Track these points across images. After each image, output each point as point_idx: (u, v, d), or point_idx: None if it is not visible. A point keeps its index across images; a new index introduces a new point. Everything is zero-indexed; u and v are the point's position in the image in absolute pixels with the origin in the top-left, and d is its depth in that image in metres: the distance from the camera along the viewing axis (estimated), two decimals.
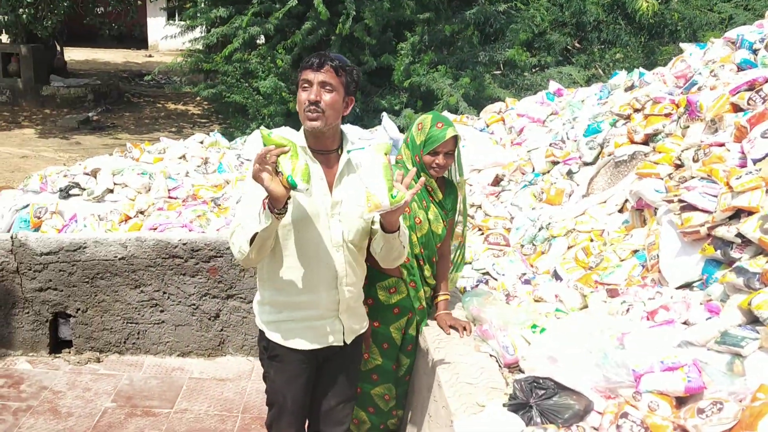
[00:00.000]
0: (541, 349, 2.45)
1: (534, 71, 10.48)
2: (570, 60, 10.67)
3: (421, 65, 9.63)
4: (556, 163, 4.80)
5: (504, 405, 2.27)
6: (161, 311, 4.15)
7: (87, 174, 5.64)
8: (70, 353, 4.21)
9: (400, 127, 7.66)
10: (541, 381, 2.24)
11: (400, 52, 9.71)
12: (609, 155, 4.31)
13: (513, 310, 2.91)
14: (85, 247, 4.02)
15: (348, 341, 2.39)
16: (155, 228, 4.77)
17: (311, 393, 2.47)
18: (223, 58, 10.17)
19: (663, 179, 3.44)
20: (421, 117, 2.78)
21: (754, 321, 2.26)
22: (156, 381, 3.97)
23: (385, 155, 2.09)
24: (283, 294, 2.29)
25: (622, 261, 3.33)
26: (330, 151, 2.26)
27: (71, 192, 5.40)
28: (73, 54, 20.07)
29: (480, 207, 4.81)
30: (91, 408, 3.68)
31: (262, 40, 10.93)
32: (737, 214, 2.70)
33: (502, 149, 5.64)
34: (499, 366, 2.63)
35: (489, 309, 2.87)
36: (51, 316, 4.15)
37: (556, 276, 3.53)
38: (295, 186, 1.94)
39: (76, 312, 4.14)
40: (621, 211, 3.86)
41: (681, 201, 2.97)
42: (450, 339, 2.82)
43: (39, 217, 4.90)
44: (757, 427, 1.79)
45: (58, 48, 16.27)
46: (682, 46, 4.88)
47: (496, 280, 3.72)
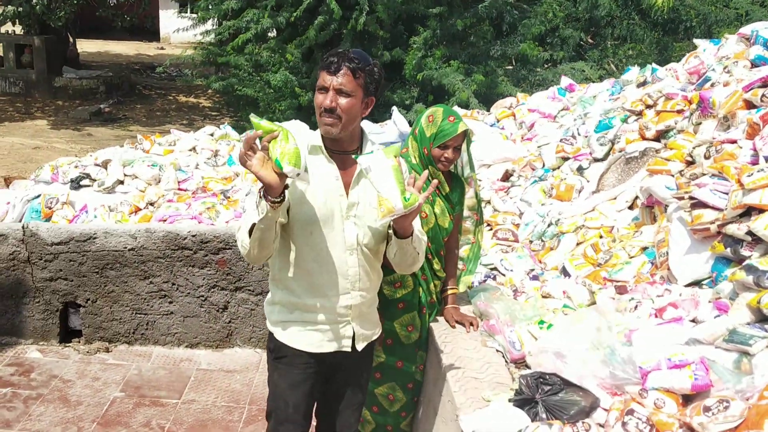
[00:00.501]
0: (548, 345, 2.45)
1: (546, 67, 10.43)
2: (582, 55, 10.61)
3: (434, 59, 9.60)
4: (566, 159, 4.77)
5: (510, 400, 2.27)
6: (170, 302, 4.18)
7: (98, 165, 5.69)
8: (79, 343, 4.25)
9: (410, 122, 7.65)
10: (548, 377, 2.23)
11: (412, 46, 9.69)
12: (620, 151, 4.29)
13: (520, 305, 2.90)
14: (95, 238, 4.05)
15: (359, 348, 2.31)
16: (165, 219, 4.80)
17: (318, 399, 2.40)
18: (234, 48, 10.17)
19: (674, 176, 3.42)
20: (431, 109, 2.74)
21: (763, 319, 2.25)
22: (164, 371, 4.01)
23: (395, 158, 2.01)
24: (294, 295, 2.22)
25: (631, 258, 3.31)
26: (348, 152, 2.18)
27: (82, 183, 5.45)
28: (86, 46, 20.19)
29: (489, 202, 4.81)
30: (100, 397, 3.71)
31: (273, 33, 10.93)
32: (748, 211, 2.67)
33: (512, 144, 5.63)
34: (506, 361, 2.63)
35: (496, 304, 2.87)
36: (61, 305, 4.18)
37: (564, 272, 3.51)
38: (282, 169, 1.86)
39: (85, 302, 4.18)
40: (631, 208, 3.84)
41: (692, 198, 2.95)
42: (457, 333, 2.82)
43: (50, 208, 4.95)
44: (764, 426, 1.78)
45: (70, 39, 16.39)
46: (695, 42, 4.84)
47: (504, 275, 3.71)
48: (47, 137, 11.67)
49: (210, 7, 10.95)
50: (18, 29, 15.49)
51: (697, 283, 2.82)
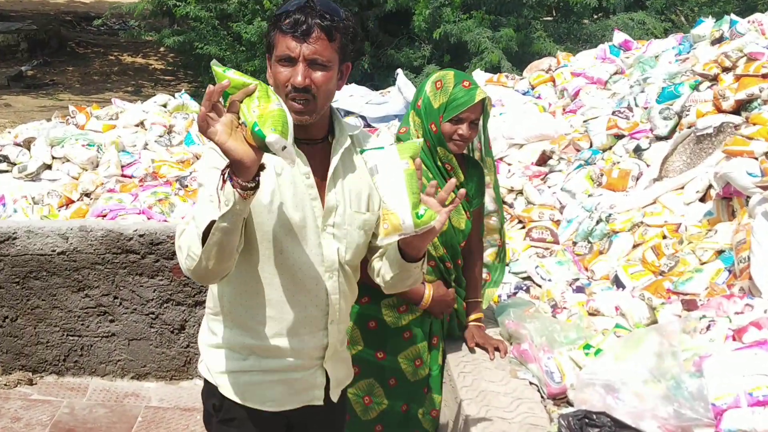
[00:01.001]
0: (596, 377, 2.46)
1: (595, 18, 10.43)
2: (642, 3, 10.60)
3: (452, 10, 9.57)
4: (620, 137, 4.78)
5: None
6: (111, 321, 4.19)
7: (18, 145, 5.69)
8: None
9: None
10: (595, 417, 2.25)
11: None
12: (689, 127, 4.29)
13: (561, 325, 2.91)
14: (15, 239, 4.06)
15: (334, 398, 2.18)
16: (104, 215, 4.81)
17: None
18: None
19: (758, 159, 3.43)
20: (438, 74, 2.69)
21: None
22: (104, 410, 4.01)
23: (412, 159, 1.90)
24: (251, 336, 2.05)
25: (702, 264, 3.32)
26: (316, 141, 2.02)
27: None
28: None
29: (521, 193, 4.81)
30: None
31: None
32: None
33: (550, 118, 5.63)
34: (542, 397, 2.64)
35: (530, 324, 2.87)
36: None
37: (617, 283, 3.52)
38: (264, 138, 1.61)
39: (2, 321, 4.19)
40: (703, 200, 3.84)
41: None
42: (479, 361, 2.83)
43: None
44: None
45: None
46: None
47: (539, 286, 3.72)
48: None
49: None
50: None
51: None
